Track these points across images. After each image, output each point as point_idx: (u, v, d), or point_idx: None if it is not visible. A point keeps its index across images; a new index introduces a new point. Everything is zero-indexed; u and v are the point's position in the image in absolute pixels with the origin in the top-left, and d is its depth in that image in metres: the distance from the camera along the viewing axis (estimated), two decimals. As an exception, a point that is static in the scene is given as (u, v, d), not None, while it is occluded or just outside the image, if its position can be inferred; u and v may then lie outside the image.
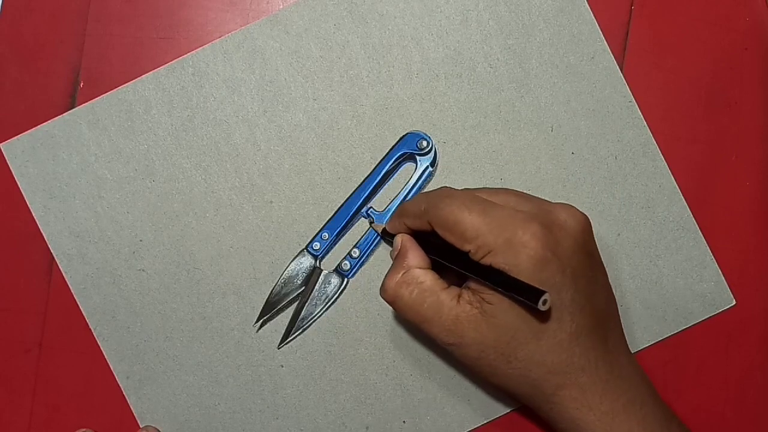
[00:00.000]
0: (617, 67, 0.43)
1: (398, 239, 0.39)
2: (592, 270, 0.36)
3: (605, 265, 0.37)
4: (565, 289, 0.34)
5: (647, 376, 0.37)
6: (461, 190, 0.37)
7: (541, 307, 0.32)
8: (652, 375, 0.38)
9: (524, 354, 0.34)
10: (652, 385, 0.37)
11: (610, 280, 0.37)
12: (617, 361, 0.36)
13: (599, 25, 0.43)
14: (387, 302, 0.37)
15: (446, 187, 0.38)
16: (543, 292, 0.32)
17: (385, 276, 0.38)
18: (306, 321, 0.42)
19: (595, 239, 0.37)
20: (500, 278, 0.34)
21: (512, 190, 0.37)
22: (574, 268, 0.34)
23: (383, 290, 0.37)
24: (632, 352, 0.38)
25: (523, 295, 0.32)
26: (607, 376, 0.35)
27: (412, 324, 0.37)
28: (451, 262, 0.36)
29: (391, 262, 0.39)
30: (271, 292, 0.42)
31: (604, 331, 0.36)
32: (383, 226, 0.41)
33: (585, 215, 0.36)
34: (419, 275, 0.36)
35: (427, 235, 0.37)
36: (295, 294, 0.42)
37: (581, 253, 0.35)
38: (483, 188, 0.38)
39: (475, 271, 0.35)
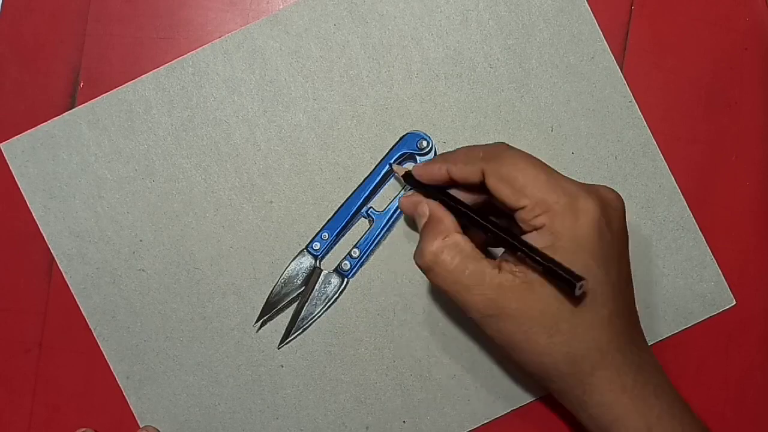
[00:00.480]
0: (617, 67, 0.43)
1: (425, 207, 0.36)
2: (627, 256, 0.36)
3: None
4: (613, 265, 0.33)
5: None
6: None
7: (577, 291, 0.31)
8: (652, 375, 0.38)
9: (568, 327, 0.33)
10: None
11: None
12: (644, 348, 0.36)
13: (599, 25, 0.43)
14: (422, 269, 0.35)
15: (504, 142, 0.36)
16: (581, 278, 0.31)
17: (421, 241, 0.35)
18: (306, 321, 0.42)
19: None
20: (536, 254, 0.32)
21: None
22: (620, 248, 0.34)
23: (420, 256, 0.35)
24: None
25: (558, 275, 0.31)
26: (639, 360, 0.34)
27: (448, 293, 0.34)
28: (486, 229, 0.34)
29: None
30: (271, 292, 0.42)
31: (635, 317, 0.36)
32: (406, 169, 0.39)
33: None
34: (460, 241, 0.34)
35: (455, 203, 0.36)
36: (295, 294, 0.42)
37: (624, 236, 0.35)
38: None
39: (508, 243, 0.33)
